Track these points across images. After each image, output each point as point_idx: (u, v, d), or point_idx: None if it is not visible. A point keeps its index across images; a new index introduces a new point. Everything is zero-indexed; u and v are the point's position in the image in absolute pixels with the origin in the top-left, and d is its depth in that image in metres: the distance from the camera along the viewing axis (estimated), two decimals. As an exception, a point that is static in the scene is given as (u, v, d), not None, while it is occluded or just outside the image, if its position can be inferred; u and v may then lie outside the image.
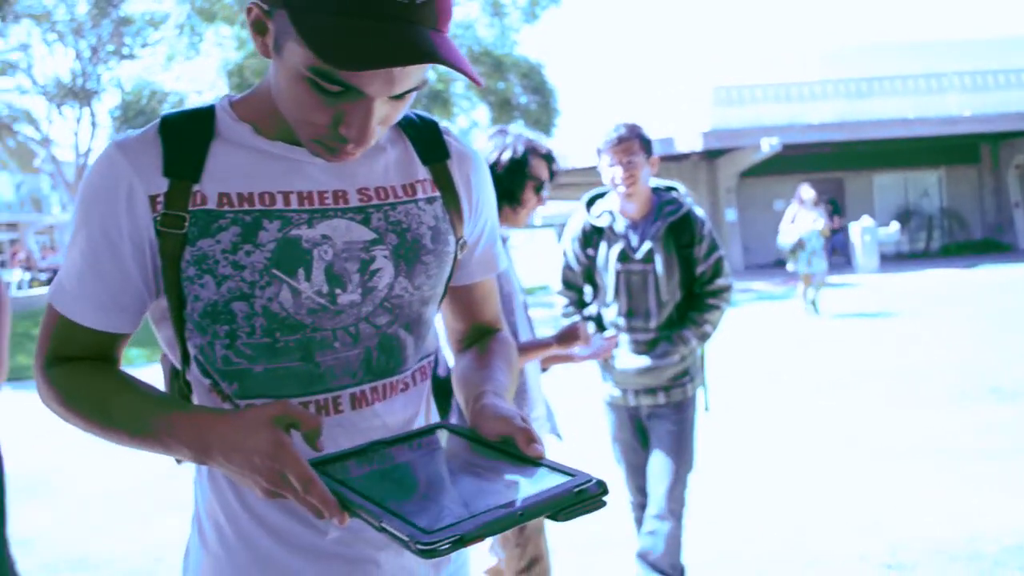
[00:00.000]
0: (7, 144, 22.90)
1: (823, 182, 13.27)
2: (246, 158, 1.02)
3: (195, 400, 1.07)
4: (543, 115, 21.34)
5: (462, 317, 1.25)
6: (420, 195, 1.11)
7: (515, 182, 2.36)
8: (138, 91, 21.48)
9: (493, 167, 2.34)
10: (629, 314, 2.86)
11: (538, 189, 2.41)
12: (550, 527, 2.43)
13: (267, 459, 0.86)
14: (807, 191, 10.97)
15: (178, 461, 1.22)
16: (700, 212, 2.88)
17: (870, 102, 19.06)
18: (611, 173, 2.79)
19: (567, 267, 2.98)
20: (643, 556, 2.90)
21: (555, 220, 23.84)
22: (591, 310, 2.98)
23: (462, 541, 0.77)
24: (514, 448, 0.92)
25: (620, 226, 2.87)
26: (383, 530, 0.81)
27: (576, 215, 2.99)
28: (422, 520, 0.79)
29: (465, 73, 0.87)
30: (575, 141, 21.27)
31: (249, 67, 19.00)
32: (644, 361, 2.84)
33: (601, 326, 2.93)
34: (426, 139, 1.14)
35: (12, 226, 25.91)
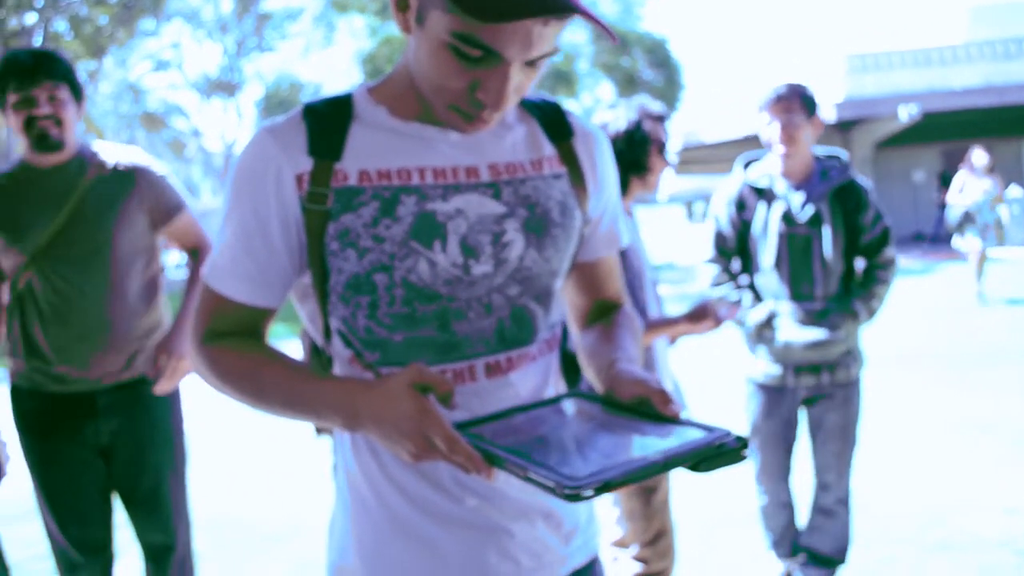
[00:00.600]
0: (162, 136, 24.54)
1: (966, 151, 12.51)
2: (383, 138, 1.08)
3: (336, 371, 1.12)
4: (668, 90, 21.07)
5: (586, 293, 1.26)
6: (547, 171, 1.14)
7: (637, 150, 2.37)
8: (278, 82, 22.65)
9: (613, 143, 2.33)
10: (793, 281, 2.65)
11: (661, 151, 2.40)
12: (675, 502, 2.46)
13: (413, 424, 0.92)
14: (980, 156, 9.57)
15: (317, 433, 1.38)
16: (864, 179, 2.71)
17: (1020, 63, 17.78)
18: (769, 132, 2.65)
19: (719, 233, 2.77)
20: (812, 547, 2.79)
21: (682, 197, 23.52)
22: (743, 280, 2.78)
23: (607, 486, 0.79)
24: (650, 408, 0.94)
25: (781, 188, 2.68)
26: (528, 479, 0.83)
27: (732, 177, 2.80)
28: (566, 469, 0.82)
29: (600, 25, 0.93)
30: (702, 116, 20.87)
31: (381, 55, 19.64)
32: (813, 334, 2.62)
33: (757, 297, 2.73)
34: (551, 119, 1.18)
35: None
